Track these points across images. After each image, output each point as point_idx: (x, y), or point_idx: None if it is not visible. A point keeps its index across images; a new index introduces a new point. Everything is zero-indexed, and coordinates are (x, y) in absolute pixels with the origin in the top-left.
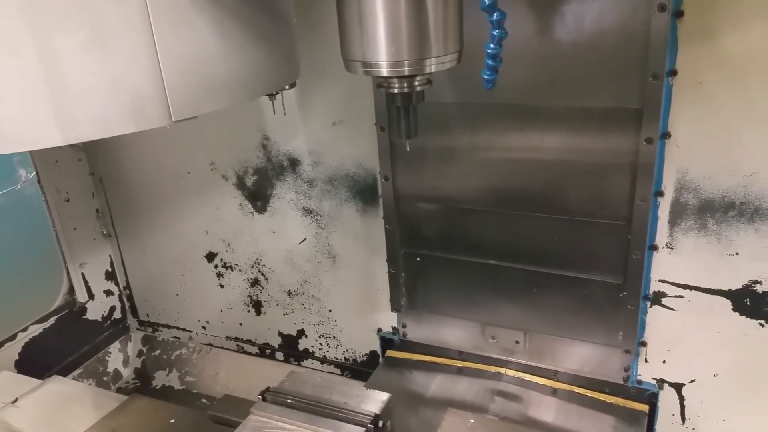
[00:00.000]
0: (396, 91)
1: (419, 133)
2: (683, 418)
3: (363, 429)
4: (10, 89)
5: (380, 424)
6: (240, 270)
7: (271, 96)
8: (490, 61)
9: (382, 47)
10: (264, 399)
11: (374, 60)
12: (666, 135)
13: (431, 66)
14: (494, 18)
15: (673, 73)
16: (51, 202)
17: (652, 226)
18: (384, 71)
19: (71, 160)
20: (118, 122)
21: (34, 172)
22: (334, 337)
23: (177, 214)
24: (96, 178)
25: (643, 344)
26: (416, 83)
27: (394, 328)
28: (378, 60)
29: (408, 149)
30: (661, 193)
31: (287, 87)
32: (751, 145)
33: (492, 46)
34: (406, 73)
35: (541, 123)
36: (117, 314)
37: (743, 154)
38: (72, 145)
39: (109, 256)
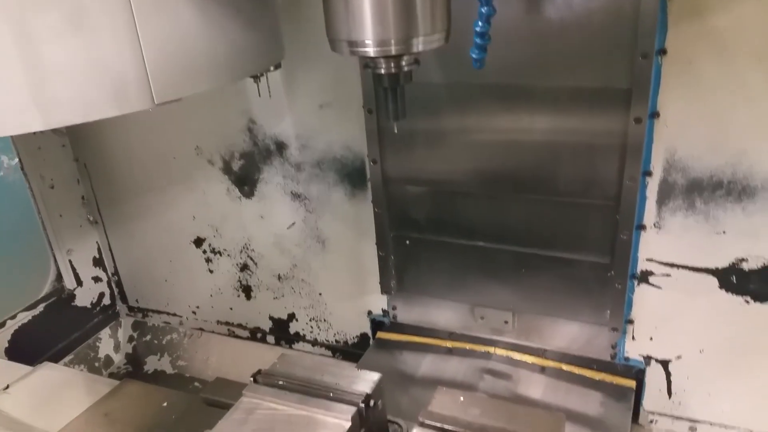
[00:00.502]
0: (383, 71)
1: (407, 114)
2: (669, 393)
3: (354, 408)
4: None
5: (371, 403)
6: (229, 255)
7: (256, 78)
8: (478, 40)
9: (368, 26)
10: (256, 381)
11: (360, 39)
12: (655, 114)
13: (418, 45)
14: None
15: (663, 52)
16: (35, 189)
17: (640, 206)
18: (370, 51)
19: (54, 146)
20: (99, 105)
21: (17, 159)
22: (325, 320)
23: (164, 200)
24: (80, 164)
25: (630, 322)
26: (403, 63)
27: (384, 311)
28: (364, 39)
29: (396, 131)
30: (649, 173)
31: (272, 69)
32: (740, 125)
33: (480, 24)
34: (393, 53)
35: (529, 103)
36: (106, 300)
37: (732, 133)
38: (55, 131)
39: (96, 242)
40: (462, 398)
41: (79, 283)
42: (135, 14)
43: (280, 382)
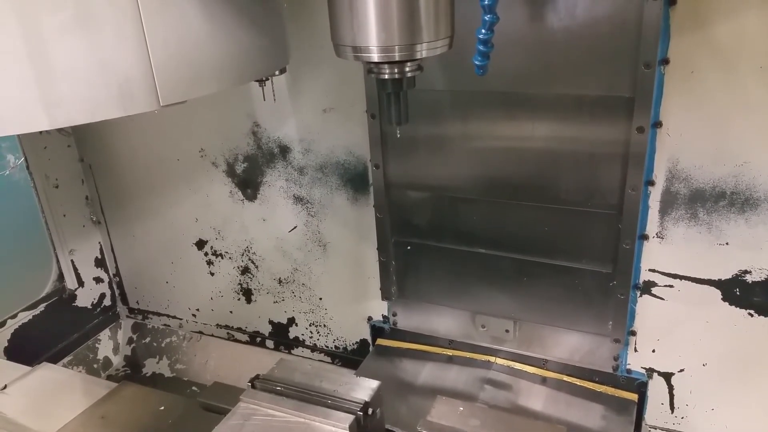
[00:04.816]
0: (387, 76)
1: (410, 120)
2: (672, 407)
3: (353, 416)
4: None
5: (370, 411)
6: (230, 258)
7: (261, 82)
8: (481, 47)
9: (372, 32)
10: (254, 386)
11: (364, 45)
12: (657, 124)
13: (422, 51)
14: (485, 3)
15: (665, 61)
16: (40, 188)
17: (642, 216)
18: (374, 56)
19: (60, 146)
20: (105, 106)
21: (23, 158)
22: (325, 326)
23: (167, 202)
24: (85, 165)
25: (633, 333)
26: (407, 69)
27: (384, 317)
28: (368, 45)
29: (398, 136)
30: (652, 183)
31: (277, 73)
32: (743, 135)
33: (483, 31)
34: (397, 59)
35: (532, 111)
36: (107, 301)
37: (734, 143)
38: (60, 131)
39: (99, 243)
40: (461, 408)
41: (81, 283)
42: (142, 16)
43: (278, 388)
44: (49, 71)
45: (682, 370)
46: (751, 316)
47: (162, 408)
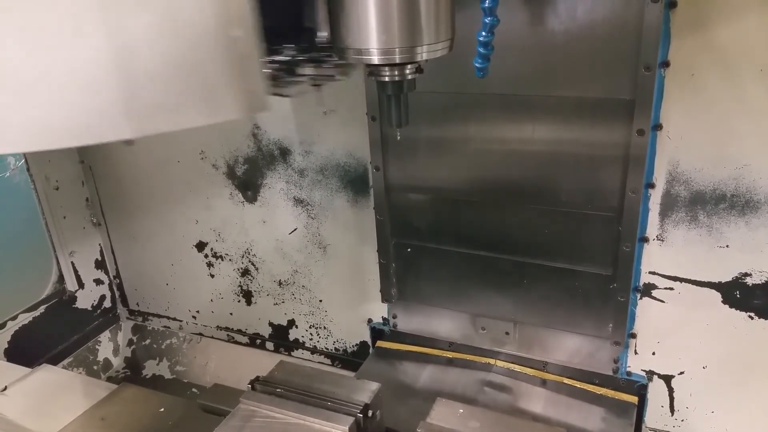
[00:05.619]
0: (387, 79)
1: (410, 122)
2: (672, 410)
3: (352, 418)
4: (76, 75)
5: (370, 413)
6: (230, 260)
7: None
8: (481, 49)
9: (372, 34)
10: (253, 388)
11: (365, 47)
12: (658, 126)
13: (422, 54)
14: (486, 5)
15: (666, 64)
16: (40, 190)
17: (642, 218)
18: (375, 59)
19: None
20: (189, 113)
21: (23, 160)
22: (325, 328)
23: (167, 204)
24: (86, 167)
25: (633, 336)
26: (407, 71)
27: (384, 319)
28: (369, 47)
29: (399, 138)
30: (652, 185)
31: None
32: (743, 138)
33: (484, 33)
34: (397, 61)
35: (532, 113)
36: (107, 303)
37: (735, 146)
38: None
39: (99, 245)
40: (461, 410)
41: (81, 285)
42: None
43: (278, 390)
44: (134, 75)
45: (682, 373)
46: (752, 318)
47: (162, 410)
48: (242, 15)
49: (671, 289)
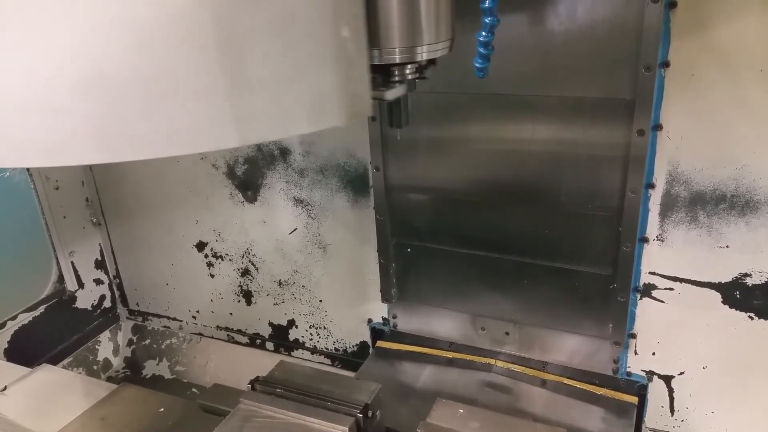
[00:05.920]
0: None
1: (410, 122)
2: (672, 410)
3: (352, 419)
4: (185, 80)
5: (370, 413)
6: (230, 260)
7: None
8: (481, 49)
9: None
10: (253, 388)
11: None
12: (658, 127)
13: (422, 54)
14: (486, 5)
15: (666, 64)
16: (40, 190)
17: (642, 218)
18: (375, 59)
19: None
20: (296, 120)
21: None
22: (325, 328)
23: (167, 203)
24: (86, 167)
25: (633, 336)
26: (407, 71)
27: (384, 319)
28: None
29: (399, 138)
30: (652, 185)
31: None
32: (743, 138)
33: (484, 33)
34: (397, 61)
35: (532, 114)
36: (107, 303)
37: (735, 146)
38: None
39: (99, 244)
40: (461, 411)
41: (81, 285)
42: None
43: (278, 390)
44: (242, 80)
45: (682, 373)
46: (751, 319)
47: (162, 410)
48: (354, 13)
49: (671, 289)
